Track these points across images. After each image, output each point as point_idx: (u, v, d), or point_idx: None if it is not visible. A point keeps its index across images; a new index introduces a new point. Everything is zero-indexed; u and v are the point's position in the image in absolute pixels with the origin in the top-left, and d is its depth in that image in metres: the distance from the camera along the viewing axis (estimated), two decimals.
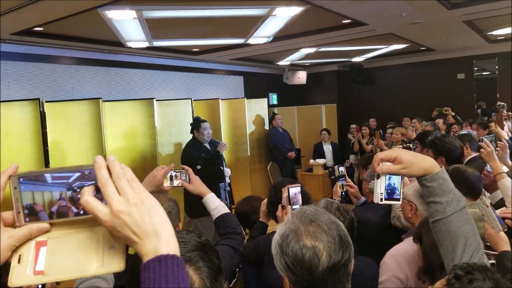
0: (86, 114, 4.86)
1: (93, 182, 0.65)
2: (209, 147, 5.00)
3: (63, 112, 4.74)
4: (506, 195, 2.30)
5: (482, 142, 2.66)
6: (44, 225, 0.66)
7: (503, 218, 1.79)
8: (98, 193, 0.64)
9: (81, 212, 0.65)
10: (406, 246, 1.87)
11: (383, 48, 8.09)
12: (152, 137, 5.48)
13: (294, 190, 2.09)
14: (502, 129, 4.92)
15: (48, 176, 0.65)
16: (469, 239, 1.09)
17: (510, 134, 4.98)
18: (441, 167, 1.13)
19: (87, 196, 0.62)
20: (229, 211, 1.98)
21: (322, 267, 0.99)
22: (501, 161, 2.60)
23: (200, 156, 4.82)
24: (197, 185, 1.98)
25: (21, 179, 0.65)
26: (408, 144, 5.14)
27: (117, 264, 0.65)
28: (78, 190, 0.65)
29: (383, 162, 1.12)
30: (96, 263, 0.64)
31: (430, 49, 8.58)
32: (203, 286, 0.94)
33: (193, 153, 4.86)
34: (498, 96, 8.81)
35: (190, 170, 1.99)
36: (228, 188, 4.89)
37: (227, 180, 4.89)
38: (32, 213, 0.65)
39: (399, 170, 1.10)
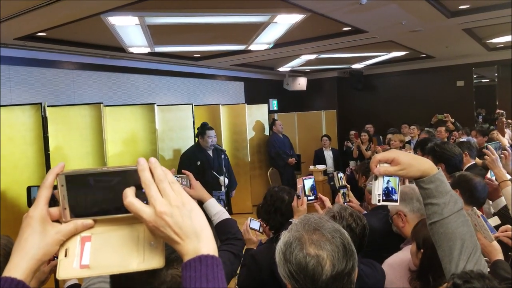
0: (87, 119, 4.87)
1: (133, 185, 0.67)
2: (211, 154, 5.02)
3: (65, 117, 4.75)
4: (509, 203, 2.30)
5: (487, 149, 2.63)
6: (89, 221, 0.69)
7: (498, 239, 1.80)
8: (139, 195, 0.66)
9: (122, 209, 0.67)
10: (404, 255, 1.88)
11: (383, 55, 8.13)
12: (153, 142, 5.49)
13: (310, 182, 2.14)
14: (504, 136, 4.93)
15: (91, 180, 0.67)
16: (466, 240, 1.09)
17: (511, 142, 5.00)
18: (438, 168, 1.13)
19: (131, 198, 0.65)
20: (230, 217, 1.98)
21: (325, 276, 0.99)
22: (505, 168, 2.60)
23: (193, 163, 4.86)
24: (198, 190, 1.98)
25: (68, 178, 0.67)
26: (410, 150, 5.15)
27: (157, 261, 0.67)
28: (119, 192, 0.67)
29: (380, 164, 1.13)
30: (137, 259, 0.67)
31: (429, 56, 8.63)
32: None
33: (184, 160, 4.97)
34: (497, 103, 8.85)
35: (191, 175, 2.00)
36: (223, 197, 4.87)
37: (223, 189, 4.88)
38: (75, 214, 0.69)
39: (397, 171, 1.10)
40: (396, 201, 1.17)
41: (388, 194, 1.16)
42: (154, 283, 1.04)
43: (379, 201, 1.14)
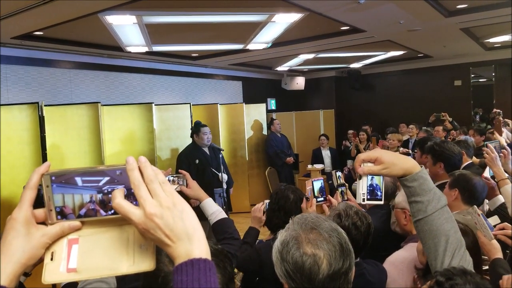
0: (84, 118, 4.85)
1: (123, 185, 0.65)
2: (208, 152, 5.01)
3: (62, 116, 4.74)
4: (509, 201, 2.30)
5: (487, 147, 2.63)
6: (76, 223, 0.66)
7: (496, 237, 1.80)
8: (129, 196, 0.64)
9: (111, 212, 0.65)
10: (406, 253, 1.88)
11: (381, 54, 8.14)
12: (150, 142, 5.48)
13: (319, 183, 2.14)
14: (501, 135, 4.94)
15: (78, 180, 0.65)
16: (450, 237, 1.10)
17: (508, 141, 5.01)
18: (421, 166, 1.14)
19: (119, 199, 0.62)
20: (227, 216, 1.98)
21: (322, 275, 0.99)
22: (503, 167, 2.60)
23: (192, 162, 4.85)
24: (195, 190, 1.98)
25: (53, 178, 0.65)
26: (407, 150, 5.16)
27: (147, 263, 0.65)
28: (107, 192, 0.65)
29: (364, 163, 1.13)
30: (127, 262, 0.65)
31: (427, 56, 8.63)
32: None
33: (183, 159, 4.94)
34: (494, 102, 8.86)
35: (187, 174, 2.00)
36: (224, 194, 4.87)
37: (224, 186, 4.88)
38: (61, 215, 0.66)
39: (380, 170, 1.11)
40: (380, 199, 1.17)
41: (373, 192, 1.15)
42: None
43: (363, 200, 1.14)
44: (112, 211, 0.65)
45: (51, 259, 0.65)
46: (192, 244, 0.62)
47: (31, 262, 0.64)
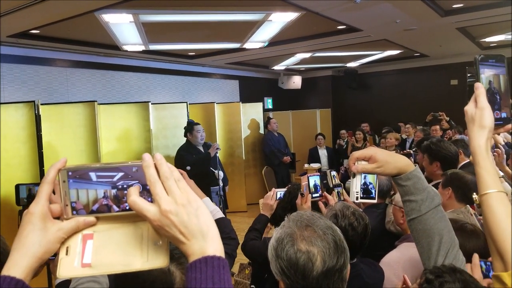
0: (81, 117, 4.85)
1: (137, 181, 0.65)
2: (202, 150, 5.02)
3: (58, 115, 4.73)
4: None
5: None
6: (91, 218, 0.67)
7: None
8: (143, 192, 0.65)
9: (126, 207, 0.65)
10: (400, 252, 1.88)
11: (378, 53, 8.16)
12: (147, 140, 5.47)
13: (314, 179, 2.13)
14: (498, 134, 4.96)
15: (93, 175, 0.65)
16: (443, 236, 1.10)
17: (505, 140, 5.02)
18: (415, 165, 1.14)
19: (134, 196, 0.63)
20: (224, 216, 1.98)
21: (316, 272, 0.99)
22: (498, 167, 2.60)
23: (190, 157, 4.86)
24: (192, 189, 1.98)
25: (70, 173, 0.65)
26: (408, 150, 5.18)
27: (161, 260, 0.65)
28: (122, 188, 0.66)
29: (358, 161, 1.12)
30: (141, 258, 0.65)
31: (423, 55, 8.66)
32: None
33: (183, 154, 4.95)
34: None
35: (185, 173, 2.00)
36: (221, 192, 4.88)
37: (221, 183, 4.89)
38: (76, 211, 0.67)
39: (374, 169, 1.11)
40: (374, 198, 1.17)
41: (366, 191, 1.16)
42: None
43: (357, 198, 1.14)
44: (126, 207, 0.65)
45: (66, 253, 0.65)
46: (206, 241, 0.62)
47: (46, 256, 0.64)
